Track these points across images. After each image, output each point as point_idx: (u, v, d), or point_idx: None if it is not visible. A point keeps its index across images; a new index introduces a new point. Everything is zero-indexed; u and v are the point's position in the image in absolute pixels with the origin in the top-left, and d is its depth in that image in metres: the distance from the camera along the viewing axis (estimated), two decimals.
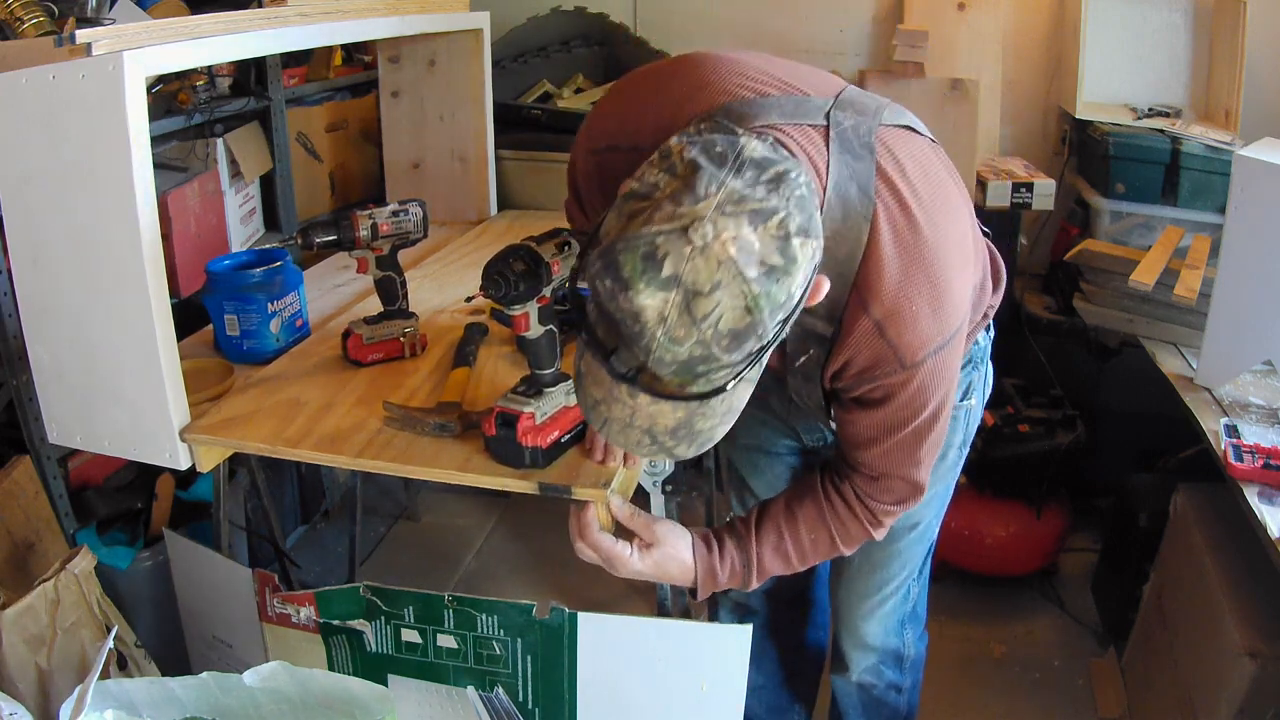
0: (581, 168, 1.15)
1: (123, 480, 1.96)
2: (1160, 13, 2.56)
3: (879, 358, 0.99)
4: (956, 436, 1.38)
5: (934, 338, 0.99)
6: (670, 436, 0.86)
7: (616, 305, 0.79)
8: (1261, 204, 1.75)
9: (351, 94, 2.63)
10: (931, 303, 0.98)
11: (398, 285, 1.53)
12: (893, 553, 1.46)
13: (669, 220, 0.76)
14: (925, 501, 1.33)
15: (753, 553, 1.19)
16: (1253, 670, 1.55)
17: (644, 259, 0.76)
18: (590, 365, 0.86)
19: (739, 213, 0.76)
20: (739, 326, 0.78)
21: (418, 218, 1.52)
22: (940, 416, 1.09)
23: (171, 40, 1.29)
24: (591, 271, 0.81)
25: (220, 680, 1.22)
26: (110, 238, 1.22)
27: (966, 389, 1.36)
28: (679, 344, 0.78)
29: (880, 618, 1.54)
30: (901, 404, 1.03)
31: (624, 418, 0.85)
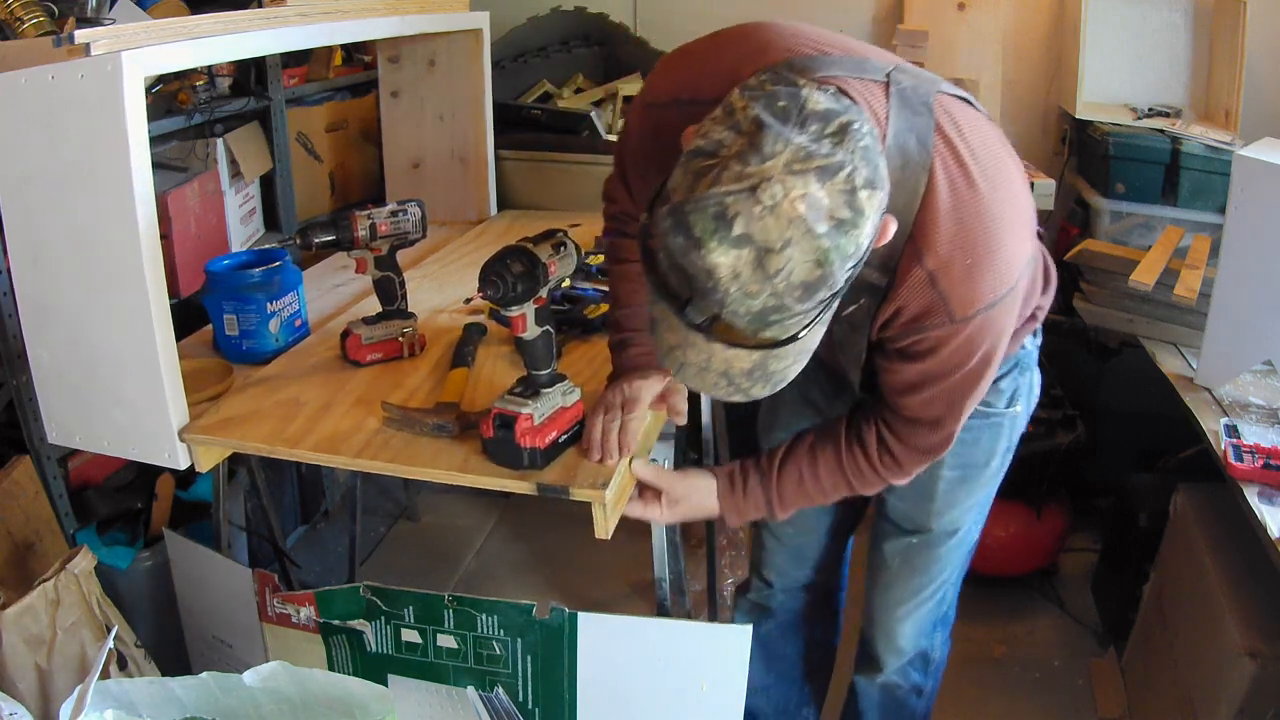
0: (637, 127, 1.16)
1: (123, 480, 1.96)
2: (1160, 13, 2.56)
3: (929, 308, 1.00)
4: (1000, 444, 1.38)
5: (986, 294, 1.00)
6: (746, 378, 0.89)
7: (689, 261, 0.80)
8: (1261, 204, 1.75)
9: (351, 94, 2.63)
10: (985, 258, 0.98)
11: (396, 285, 1.53)
12: (933, 558, 1.46)
13: (737, 180, 0.78)
14: (966, 509, 1.41)
15: (774, 492, 1.26)
16: (1253, 670, 1.55)
17: (715, 219, 0.78)
18: (664, 313, 0.87)
19: (806, 170, 0.78)
20: (810, 279, 0.80)
21: (416, 218, 1.52)
22: (985, 373, 1.10)
23: (171, 40, 1.29)
24: (662, 228, 0.82)
25: (220, 680, 1.22)
26: (110, 238, 1.22)
27: (1012, 395, 1.35)
28: (753, 298, 0.80)
29: (916, 620, 1.54)
30: (946, 357, 1.05)
31: (700, 362, 0.88)
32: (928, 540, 1.45)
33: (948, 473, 1.37)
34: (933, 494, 1.39)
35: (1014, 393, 1.35)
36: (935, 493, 1.39)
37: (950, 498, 1.40)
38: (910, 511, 1.44)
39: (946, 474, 1.37)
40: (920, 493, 1.39)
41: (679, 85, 1.10)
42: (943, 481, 1.38)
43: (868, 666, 1.63)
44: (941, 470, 1.37)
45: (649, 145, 1.13)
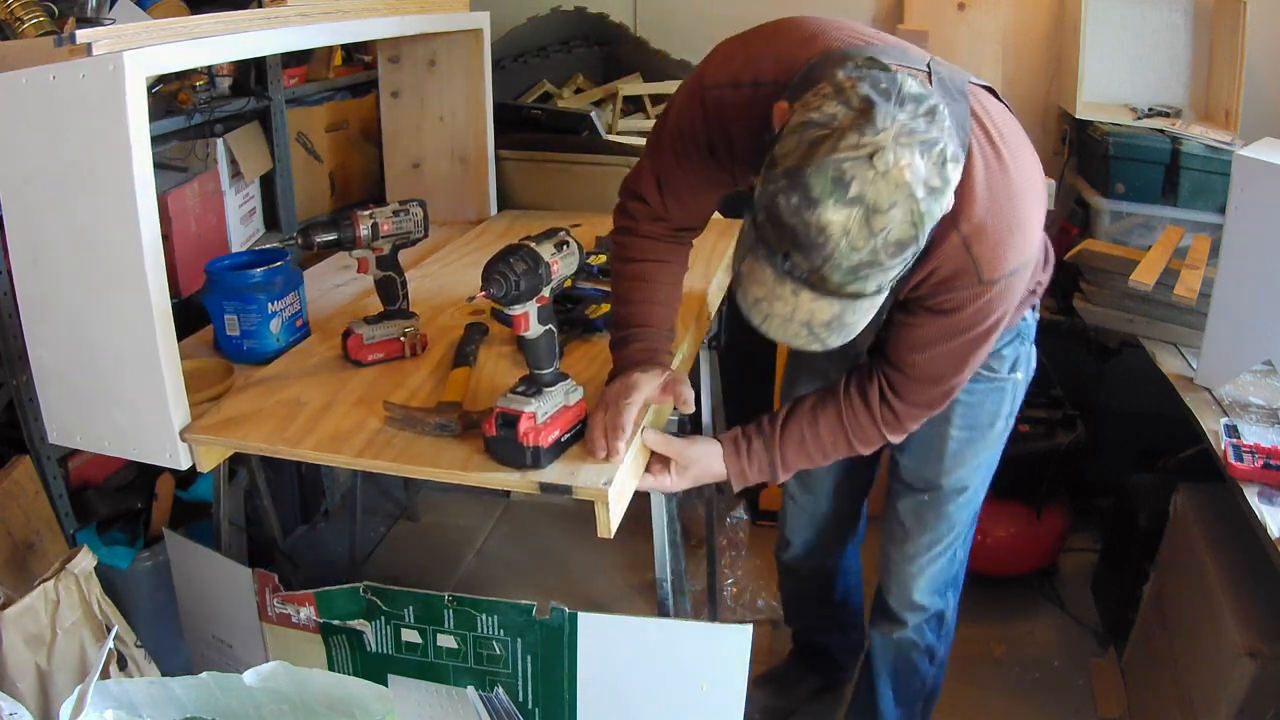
0: (690, 109, 1.23)
1: (123, 480, 1.96)
2: (1160, 13, 2.56)
3: (960, 270, 1.11)
4: (1004, 407, 1.51)
5: (1011, 262, 1.12)
6: (825, 329, 1.00)
7: (801, 219, 0.91)
8: (1261, 204, 1.75)
9: (351, 94, 2.63)
10: (1012, 229, 1.10)
11: (398, 285, 1.53)
12: (943, 514, 1.57)
13: (854, 149, 0.89)
14: (974, 468, 1.54)
15: (776, 453, 1.33)
16: (1253, 670, 1.55)
17: (833, 181, 0.89)
18: (753, 267, 0.98)
19: (911, 143, 0.90)
20: (904, 238, 0.92)
21: (418, 217, 1.52)
22: (990, 337, 1.21)
23: (171, 40, 1.29)
24: (774, 188, 0.93)
25: (220, 680, 1.22)
26: (110, 238, 1.22)
27: (1014, 362, 1.48)
28: (856, 252, 0.92)
29: (929, 577, 1.64)
30: (968, 315, 1.16)
31: (785, 313, 0.99)
32: (938, 497, 1.56)
33: (956, 433, 1.49)
34: (942, 453, 1.51)
35: (1015, 359, 1.48)
36: (945, 452, 1.51)
37: (959, 457, 1.52)
38: (922, 471, 1.56)
39: (955, 434, 1.49)
40: (931, 452, 1.52)
41: (737, 69, 1.19)
42: (952, 441, 1.50)
43: (884, 622, 1.74)
44: (950, 430, 1.49)
45: (704, 125, 1.22)
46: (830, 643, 2.07)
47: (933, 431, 1.46)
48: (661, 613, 1.49)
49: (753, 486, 1.38)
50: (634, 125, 2.78)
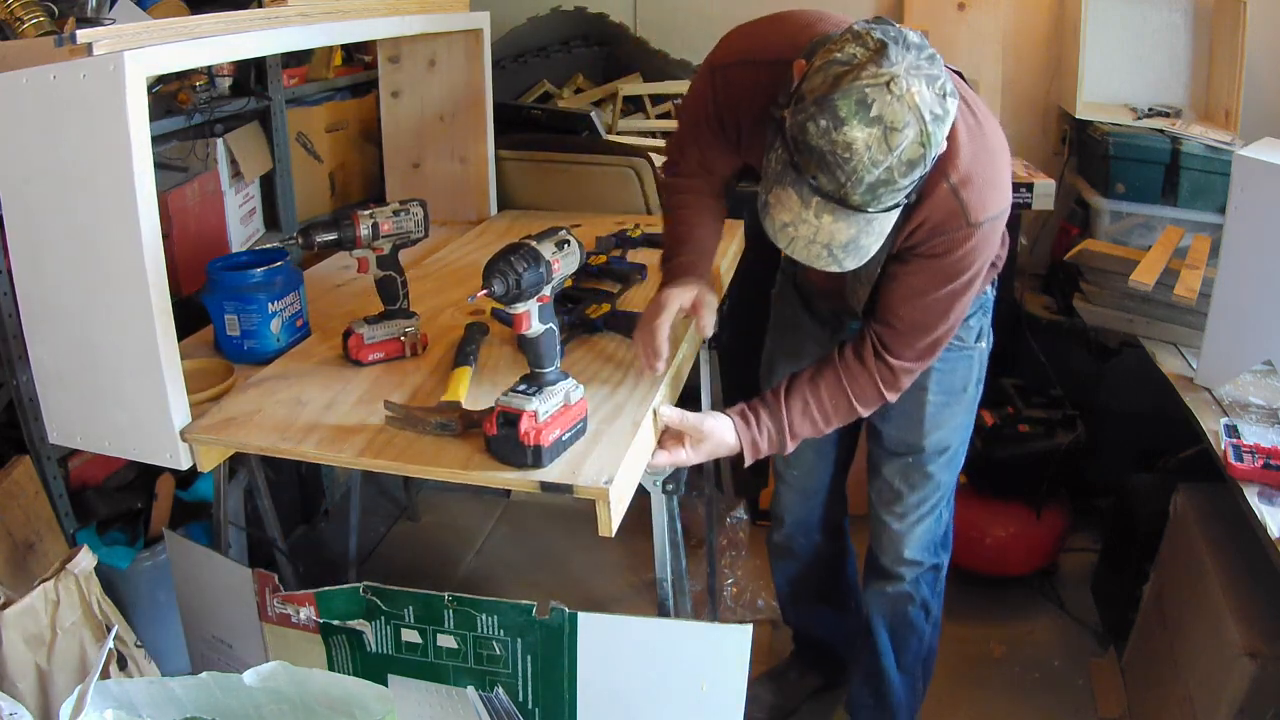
0: (700, 89, 1.43)
1: (123, 480, 1.96)
2: (1160, 13, 2.57)
3: (950, 214, 1.25)
4: (973, 373, 1.66)
5: (993, 206, 1.27)
6: (842, 250, 1.14)
7: (829, 139, 1.05)
8: (1261, 204, 1.75)
9: (351, 94, 2.63)
10: (993, 177, 1.27)
11: (399, 285, 1.53)
12: (927, 474, 1.69)
13: (874, 78, 1.04)
14: (952, 429, 1.68)
15: (784, 420, 1.42)
16: (1253, 670, 1.55)
17: (857, 104, 1.04)
18: (780, 195, 1.12)
19: (919, 75, 1.05)
20: (914, 157, 1.06)
21: (419, 217, 1.52)
22: (973, 287, 1.34)
23: (171, 40, 1.29)
24: (804, 116, 1.07)
25: (220, 680, 1.22)
26: (110, 238, 1.22)
27: (980, 332, 1.64)
28: (876, 168, 1.05)
29: (920, 534, 1.75)
30: (955, 259, 1.29)
31: (808, 235, 1.12)
32: (921, 459, 1.68)
33: (933, 398, 1.63)
34: (922, 418, 1.65)
35: (980, 330, 1.65)
36: (924, 416, 1.65)
37: (937, 419, 1.65)
38: (905, 436, 1.68)
39: (932, 399, 1.63)
40: (912, 418, 1.65)
41: (745, 49, 1.37)
42: (930, 406, 1.64)
43: (879, 580, 1.83)
44: (928, 396, 1.62)
45: (713, 102, 1.40)
46: (830, 635, 2.08)
47: (912, 399, 1.59)
48: (661, 613, 1.49)
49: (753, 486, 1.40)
50: (634, 125, 2.78)
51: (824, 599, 2.04)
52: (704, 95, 1.42)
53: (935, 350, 1.41)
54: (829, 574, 2.02)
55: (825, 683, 2.13)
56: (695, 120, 1.45)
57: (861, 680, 1.93)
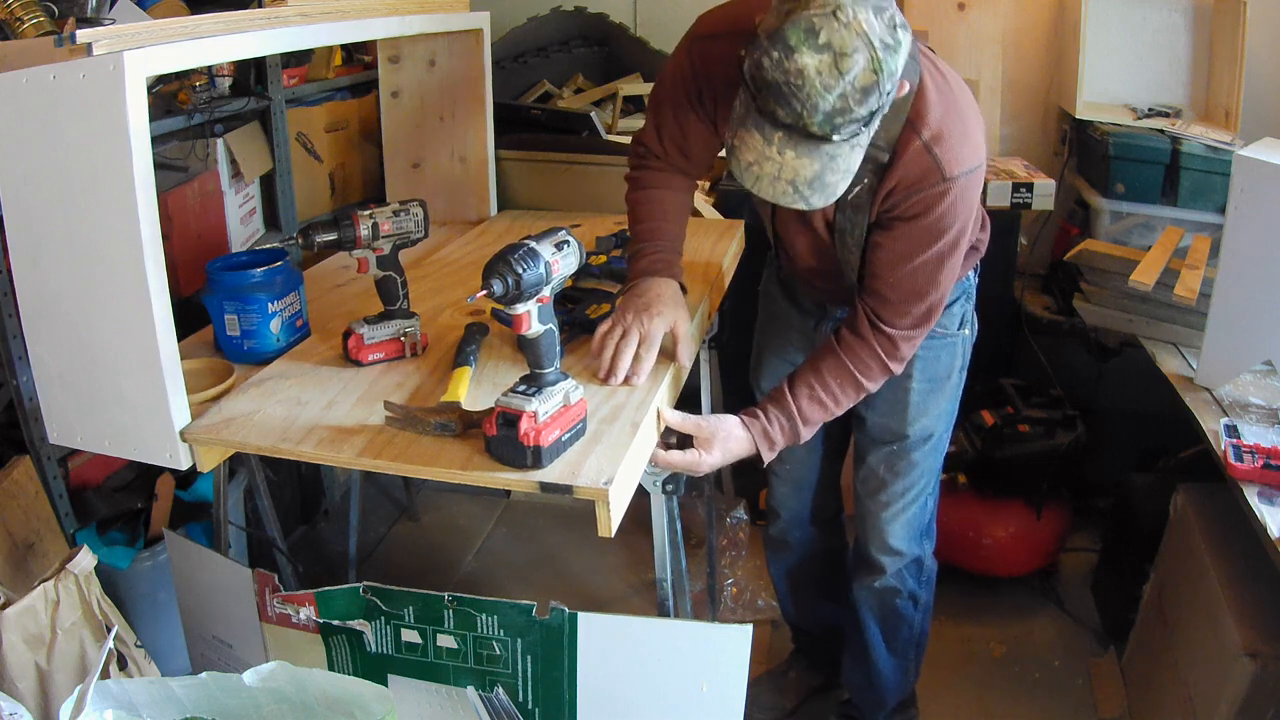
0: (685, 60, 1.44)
1: (123, 480, 1.96)
2: (1160, 13, 2.57)
3: (925, 171, 1.28)
4: (956, 361, 1.67)
5: (967, 160, 1.29)
6: (808, 186, 1.15)
7: (782, 70, 1.07)
8: (1261, 204, 1.75)
9: (351, 94, 2.63)
10: (964, 133, 1.29)
11: (398, 285, 1.53)
12: (912, 462, 1.71)
13: (821, 7, 1.06)
14: (935, 416, 1.68)
15: (792, 408, 1.43)
16: (1253, 670, 1.55)
17: (805, 32, 1.06)
18: (743, 137, 1.14)
19: (865, 5, 1.07)
20: (867, 84, 1.08)
21: (418, 217, 1.52)
22: (958, 246, 1.36)
23: (171, 40, 1.29)
24: (758, 53, 1.09)
25: (220, 680, 1.22)
26: (110, 238, 1.22)
27: (962, 318, 1.65)
28: (830, 92, 1.07)
29: (904, 523, 1.76)
30: (936, 217, 1.31)
31: (773, 173, 1.14)
32: (906, 446, 1.70)
33: (917, 385, 1.64)
34: (906, 405, 1.66)
35: (963, 317, 1.66)
36: (909, 403, 1.66)
37: (921, 406, 1.66)
38: (889, 424, 1.69)
39: (916, 386, 1.65)
40: (896, 405, 1.67)
41: (721, 21, 1.40)
42: (914, 394, 1.65)
43: (865, 574, 1.84)
44: (912, 384, 1.64)
45: (691, 75, 1.42)
46: (828, 630, 2.07)
47: (897, 386, 1.61)
48: (661, 613, 1.49)
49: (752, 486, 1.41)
50: (634, 125, 2.78)
51: (822, 592, 2.05)
52: (683, 68, 1.44)
53: (931, 316, 1.42)
54: (826, 567, 2.02)
55: (825, 681, 2.13)
56: (674, 97, 1.47)
57: (852, 665, 1.96)
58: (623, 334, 1.42)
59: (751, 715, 1.42)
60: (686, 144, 1.52)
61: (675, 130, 1.50)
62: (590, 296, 1.70)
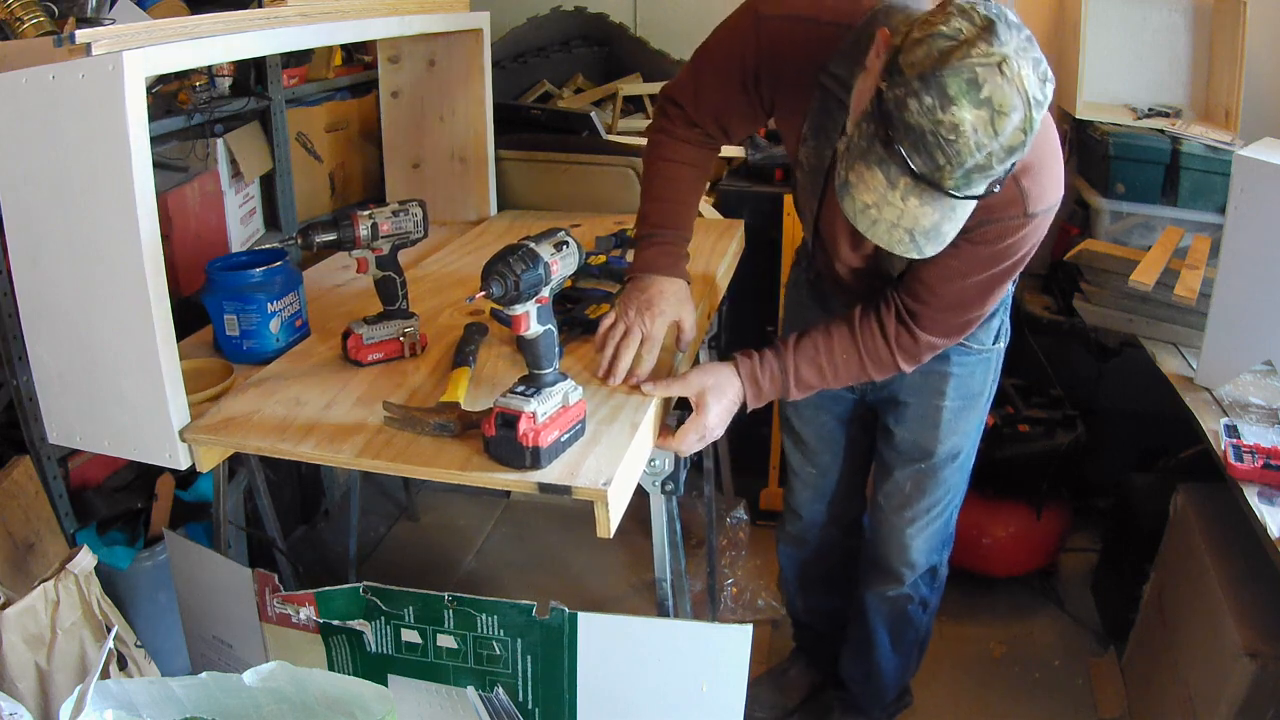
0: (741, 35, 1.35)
1: (123, 480, 1.96)
2: (1160, 13, 2.56)
3: (1009, 201, 1.21)
4: (990, 376, 1.62)
5: (1051, 195, 1.24)
6: (924, 236, 1.09)
7: (933, 119, 1.00)
8: (1261, 204, 1.75)
9: (351, 94, 2.63)
10: (1054, 168, 1.25)
11: (398, 285, 1.53)
12: (939, 480, 1.67)
13: (985, 57, 0.98)
14: (965, 434, 1.65)
15: (789, 360, 1.39)
16: (1253, 670, 1.55)
17: (968, 83, 0.99)
18: (863, 175, 1.07)
19: (1026, 59, 1.00)
20: (1015, 144, 1.02)
21: (418, 218, 1.52)
22: (1016, 272, 1.32)
23: (171, 40, 1.29)
24: (904, 91, 1.01)
25: (220, 680, 1.22)
26: (110, 238, 1.22)
27: (998, 332, 1.59)
28: (980, 150, 1.01)
29: (928, 537, 1.74)
30: (1005, 247, 1.26)
31: (892, 219, 1.08)
32: (934, 465, 1.65)
33: (950, 404, 1.59)
34: (938, 424, 1.61)
35: (999, 330, 1.60)
36: (940, 421, 1.61)
37: (953, 425, 1.61)
38: (919, 441, 1.64)
39: (949, 405, 1.59)
40: (927, 423, 1.62)
41: (797, 5, 1.30)
42: (946, 412, 1.60)
43: (880, 582, 1.81)
44: (945, 403, 1.59)
45: (755, 52, 1.33)
46: (832, 626, 2.06)
47: (928, 404, 1.58)
48: (661, 613, 1.49)
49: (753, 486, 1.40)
50: (634, 125, 2.78)
51: (832, 587, 2.02)
52: (745, 43, 1.33)
53: (965, 330, 1.38)
54: (840, 564, 2.00)
55: (825, 679, 2.13)
56: (726, 69, 1.37)
57: (853, 660, 1.96)
58: (625, 332, 1.41)
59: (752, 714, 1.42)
60: (724, 118, 1.44)
61: (717, 101, 1.42)
62: (589, 296, 1.70)
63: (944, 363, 1.55)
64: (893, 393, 1.64)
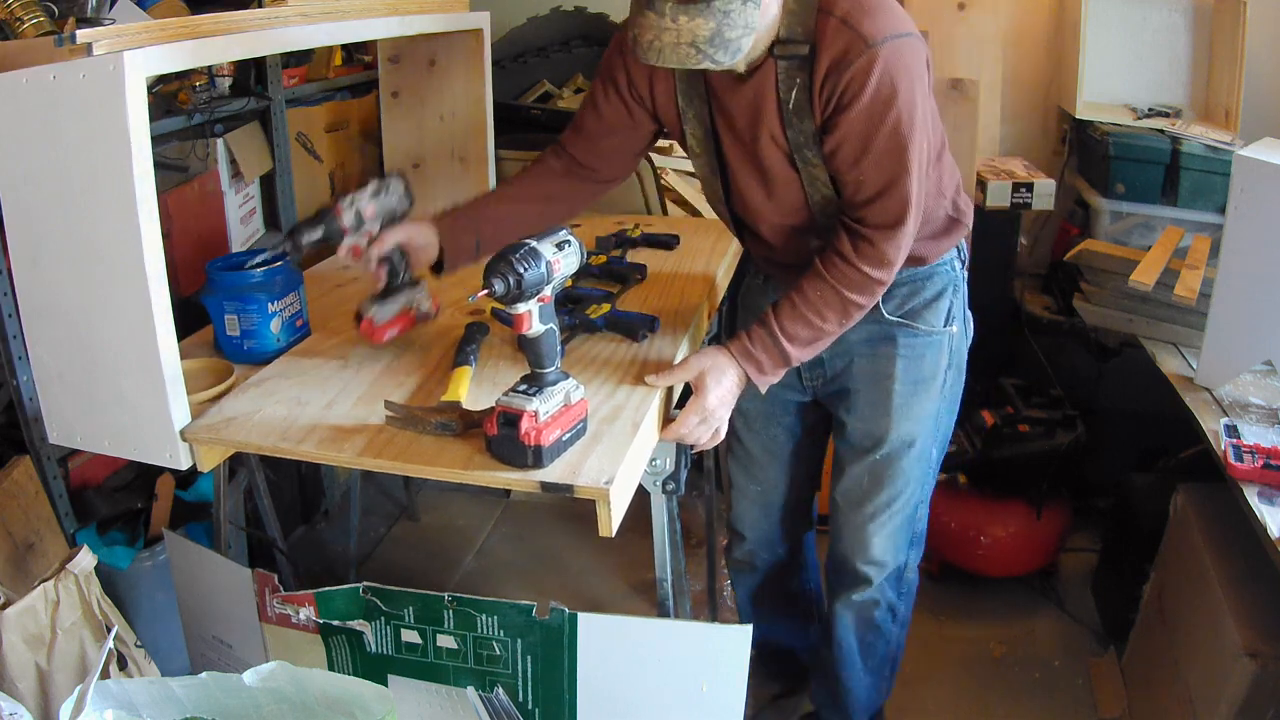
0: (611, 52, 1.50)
1: (123, 480, 1.96)
2: (1160, 13, 2.56)
3: (847, 45, 1.26)
4: (942, 360, 1.58)
5: (890, 27, 1.27)
6: (709, 45, 1.17)
7: None
8: (1261, 204, 1.75)
9: (351, 94, 2.63)
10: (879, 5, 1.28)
11: (399, 258, 1.50)
12: (897, 471, 1.63)
13: None
14: (918, 420, 1.60)
15: (773, 324, 1.39)
16: (1253, 670, 1.55)
17: None
18: (638, 19, 1.18)
19: None
20: None
21: (400, 190, 1.50)
22: (915, 125, 1.29)
23: (172, 40, 1.29)
24: None
25: (220, 680, 1.22)
26: (110, 238, 1.22)
27: (948, 314, 1.57)
28: None
29: (889, 533, 1.68)
30: (873, 91, 1.26)
31: (672, 41, 1.17)
32: (888, 454, 1.62)
33: (900, 387, 1.57)
34: (889, 408, 1.58)
35: (949, 311, 1.57)
36: (891, 406, 1.58)
37: (904, 410, 1.58)
38: (870, 428, 1.62)
39: (899, 388, 1.57)
40: (878, 408, 1.59)
41: None
42: (896, 396, 1.58)
43: (846, 587, 1.76)
44: (894, 385, 1.57)
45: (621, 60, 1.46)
46: (791, 643, 2.03)
47: (878, 388, 1.58)
48: (661, 613, 1.49)
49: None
50: None
51: (787, 609, 1.98)
52: (613, 55, 1.48)
53: (907, 210, 1.33)
54: (792, 585, 1.96)
55: (781, 691, 2.09)
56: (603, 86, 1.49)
57: (822, 681, 1.89)
58: None
59: None
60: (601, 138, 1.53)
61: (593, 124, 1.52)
62: (590, 296, 1.70)
63: (890, 344, 1.56)
64: (843, 384, 1.63)
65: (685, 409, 1.38)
